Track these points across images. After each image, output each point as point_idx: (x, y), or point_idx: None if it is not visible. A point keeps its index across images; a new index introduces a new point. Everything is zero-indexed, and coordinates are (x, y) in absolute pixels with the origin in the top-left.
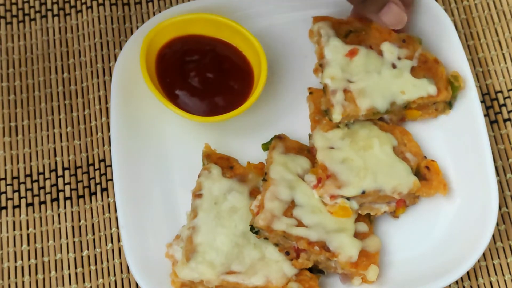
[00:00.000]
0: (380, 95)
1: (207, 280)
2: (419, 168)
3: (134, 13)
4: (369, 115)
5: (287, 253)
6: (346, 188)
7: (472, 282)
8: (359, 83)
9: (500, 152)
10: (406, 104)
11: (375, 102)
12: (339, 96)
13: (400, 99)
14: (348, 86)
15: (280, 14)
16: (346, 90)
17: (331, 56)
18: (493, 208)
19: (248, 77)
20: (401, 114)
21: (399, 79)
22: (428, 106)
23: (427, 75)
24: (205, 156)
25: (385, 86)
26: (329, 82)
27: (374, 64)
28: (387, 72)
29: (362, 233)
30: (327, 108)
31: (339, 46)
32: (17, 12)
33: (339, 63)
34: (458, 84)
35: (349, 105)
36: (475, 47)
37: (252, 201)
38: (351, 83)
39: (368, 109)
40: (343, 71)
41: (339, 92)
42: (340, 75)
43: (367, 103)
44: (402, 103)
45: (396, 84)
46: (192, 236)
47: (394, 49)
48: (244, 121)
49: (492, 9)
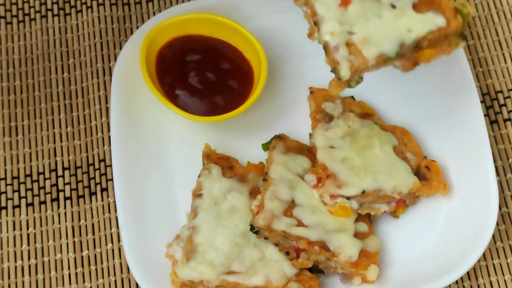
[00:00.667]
0: (387, 39)
1: (207, 280)
2: (419, 168)
3: (134, 13)
4: (379, 64)
5: (287, 253)
6: (346, 188)
7: (472, 282)
8: (360, 32)
9: (500, 152)
10: (417, 43)
11: (383, 47)
12: (342, 51)
13: (409, 38)
14: (349, 38)
15: (280, 14)
16: (348, 43)
17: (324, 10)
18: (493, 208)
19: (248, 77)
20: (413, 58)
21: (402, 18)
22: (441, 41)
23: (432, 8)
24: (205, 156)
25: (390, 29)
26: (329, 39)
27: (371, 9)
28: (388, 14)
29: (362, 233)
30: (333, 67)
31: None
32: (17, 12)
33: (334, 15)
34: (467, 11)
35: (355, 58)
36: (475, 47)
37: (252, 201)
38: (352, 34)
39: (377, 56)
40: (340, 23)
41: (341, 46)
42: (338, 29)
43: (375, 50)
44: (412, 42)
45: (401, 24)
46: (192, 236)
47: None
48: (244, 121)
49: (492, 9)
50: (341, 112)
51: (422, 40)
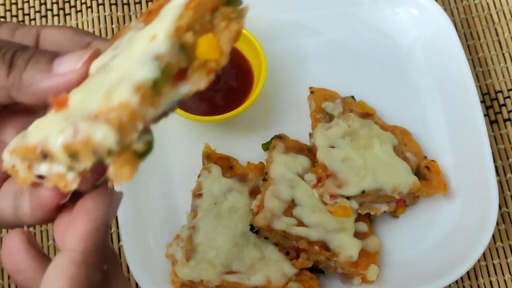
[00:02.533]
0: (137, 66)
1: (207, 280)
2: (419, 168)
3: (134, 13)
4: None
5: (287, 253)
6: (346, 188)
7: (472, 282)
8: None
9: (500, 152)
10: (181, 42)
11: (136, 76)
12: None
13: (158, 45)
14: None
15: (280, 14)
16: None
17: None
18: (493, 208)
19: (248, 77)
20: (193, 58)
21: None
22: (207, 21)
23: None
24: (205, 156)
25: (133, 57)
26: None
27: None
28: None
29: (362, 233)
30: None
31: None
32: (17, 12)
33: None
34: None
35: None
36: (475, 47)
37: (252, 201)
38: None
39: (136, 88)
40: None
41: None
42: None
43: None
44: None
45: (141, 40)
46: (192, 236)
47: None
48: (244, 121)
49: (492, 9)
50: (341, 112)
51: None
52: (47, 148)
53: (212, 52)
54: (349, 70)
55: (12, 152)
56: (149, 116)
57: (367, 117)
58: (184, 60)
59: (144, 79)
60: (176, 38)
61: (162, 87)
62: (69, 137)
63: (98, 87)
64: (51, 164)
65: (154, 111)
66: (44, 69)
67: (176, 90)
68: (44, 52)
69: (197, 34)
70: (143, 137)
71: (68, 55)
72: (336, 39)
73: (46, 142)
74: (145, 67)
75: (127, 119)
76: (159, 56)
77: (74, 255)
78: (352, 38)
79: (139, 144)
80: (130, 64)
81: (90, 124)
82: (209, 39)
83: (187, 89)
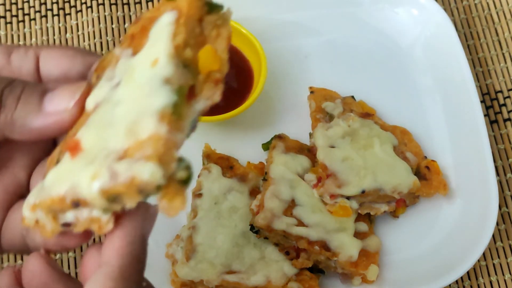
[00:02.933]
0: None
1: (207, 280)
2: (419, 168)
3: (134, 13)
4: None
5: (287, 253)
6: (346, 187)
7: (472, 282)
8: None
9: (500, 152)
10: (184, 59)
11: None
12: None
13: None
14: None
15: (280, 14)
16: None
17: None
18: (493, 208)
19: (248, 77)
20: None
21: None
22: (198, 32)
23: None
24: (205, 156)
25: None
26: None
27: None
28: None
29: (362, 233)
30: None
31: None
32: (17, 12)
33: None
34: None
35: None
36: (475, 47)
37: (252, 200)
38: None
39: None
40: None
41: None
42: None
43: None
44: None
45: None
46: (192, 236)
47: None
48: (244, 121)
49: (492, 9)
50: (341, 112)
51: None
52: (78, 196)
53: (214, 63)
54: (349, 70)
55: (35, 208)
56: (180, 141)
57: (367, 117)
58: (190, 77)
59: (164, 105)
60: (177, 57)
61: (182, 109)
62: (106, 181)
63: (110, 123)
64: (80, 210)
65: (182, 135)
66: (35, 108)
67: (193, 109)
68: (33, 88)
69: (194, 48)
70: (181, 164)
71: (59, 91)
72: (336, 39)
73: (77, 191)
74: (160, 93)
75: (163, 150)
76: (168, 79)
77: (112, 270)
78: (352, 38)
79: (181, 171)
80: (139, 93)
81: (129, 164)
82: (208, 50)
83: (202, 105)
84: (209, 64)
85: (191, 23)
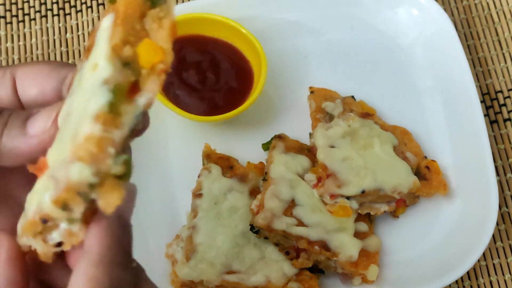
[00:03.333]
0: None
1: (207, 280)
2: (419, 168)
3: None
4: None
5: (287, 253)
6: (346, 187)
7: (472, 282)
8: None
9: (500, 152)
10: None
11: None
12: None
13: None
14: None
15: (280, 14)
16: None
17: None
18: (493, 208)
19: (248, 77)
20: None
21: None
22: (135, 30)
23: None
24: (205, 156)
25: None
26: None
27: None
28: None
29: (362, 233)
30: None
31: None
32: (17, 12)
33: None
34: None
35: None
36: (475, 47)
37: (252, 200)
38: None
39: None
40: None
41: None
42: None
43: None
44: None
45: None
46: (192, 236)
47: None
48: (244, 121)
49: (492, 9)
50: (341, 112)
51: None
52: (43, 213)
53: (154, 55)
54: (349, 70)
55: (22, 235)
56: (117, 138)
57: (367, 117)
58: (132, 74)
59: (99, 106)
60: (116, 57)
61: (119, 107)
62: (53, 190)
63: (66, 135)
64: (57, 227)
65: (120, 131)
66: (19, 133)
67: (135, 104)
68: (17, 115)
69: (135, 45)
70: (118, 160)
71: (39, 115)
72: (336, 39)
73: (41, 207)
74: (97, 95)
75: (95, 149)
76: (107, 80)
77: (92, 257)
78: (352, 38)
79: (117, 166)
80: (84, 99)
81: (64, 169)
82: (146, 44)
83: (145, 99)
84: (150, 57)
85: (130, 21)
